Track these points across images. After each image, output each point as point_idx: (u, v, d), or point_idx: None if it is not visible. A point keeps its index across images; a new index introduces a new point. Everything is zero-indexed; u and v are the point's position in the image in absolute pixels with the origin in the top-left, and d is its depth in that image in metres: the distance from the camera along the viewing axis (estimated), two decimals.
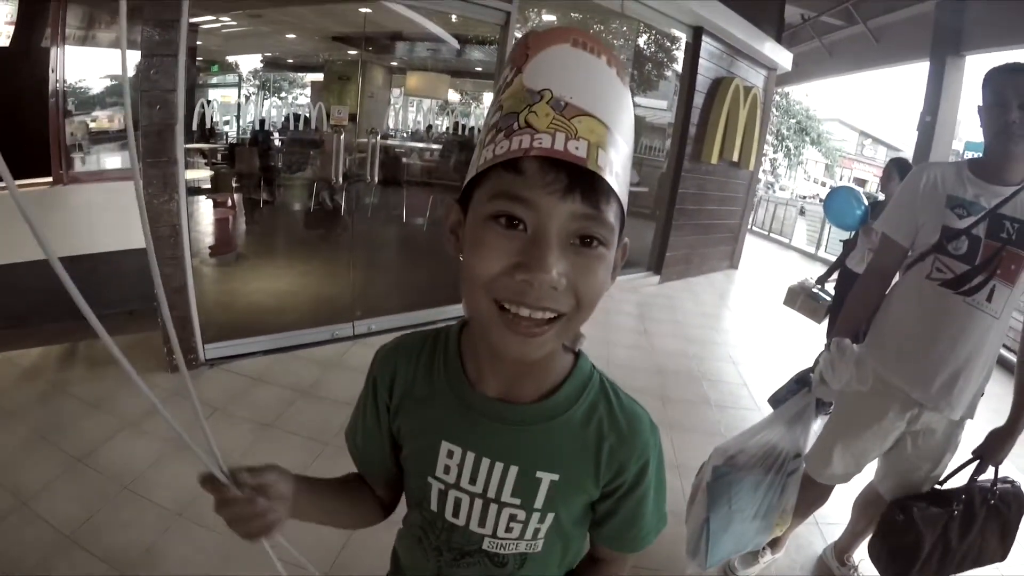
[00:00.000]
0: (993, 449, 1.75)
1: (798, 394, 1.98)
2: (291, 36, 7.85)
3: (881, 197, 3.81)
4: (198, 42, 2.77)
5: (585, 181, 0.52)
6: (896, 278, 1.90)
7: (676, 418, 3.40)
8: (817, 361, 1.93)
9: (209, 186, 4.89)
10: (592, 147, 0.52)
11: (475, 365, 0.71)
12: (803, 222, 12.67)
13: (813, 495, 2.06)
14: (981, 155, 1.74)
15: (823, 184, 28.70)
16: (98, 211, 3.41)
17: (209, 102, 6.44)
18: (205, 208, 4.78)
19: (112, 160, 3.62)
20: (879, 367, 1.82)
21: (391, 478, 0.82)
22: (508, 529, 0.71)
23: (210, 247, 4.61)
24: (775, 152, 25.62)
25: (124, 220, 2.80)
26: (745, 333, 5.46)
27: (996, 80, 1.65)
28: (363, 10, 5.35)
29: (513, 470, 0.69)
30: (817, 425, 2.04)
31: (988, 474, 1.79)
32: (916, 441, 1.84)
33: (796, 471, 1.93)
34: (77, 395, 2.82)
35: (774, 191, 24.04)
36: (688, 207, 6.64)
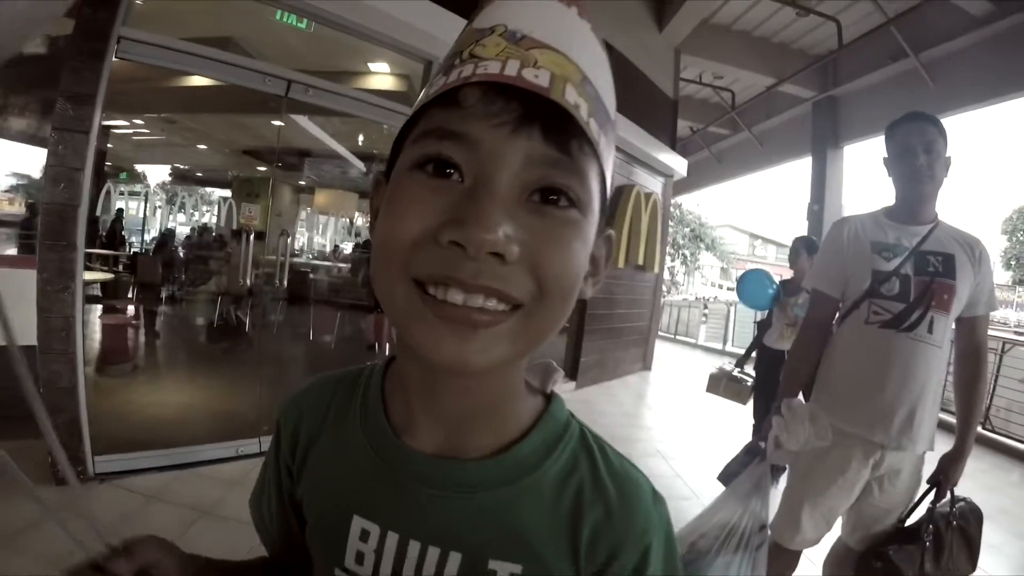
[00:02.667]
0: (948, 473, 1.81)
1: (750, 465, 1.93)
2: (202, 147, 7.78)
3: (789, 276, 4.03)
4: (109, 145, 2.63)
5: (548, 115, 0.39)
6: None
7: None
8: (763, 430, 1.92)
9: (108, 293, 4.61)
10: (557, 79, 0.39)
11: (403, 408, 0.52)
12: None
13: (782, 564, 1.99)
14: (892, 203, 1.88)
15: (720, 287, 30.77)
16: None
17: (121, 211, 6.22)
18: (102, 316, 4.44)
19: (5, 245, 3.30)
20: (834, 419, 1.81)
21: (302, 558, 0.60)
22: None
23: (105, 356, 4.23)
24: (672, 260, 27.34)
25: (9, 312, 2.49)
26: (668, 428, 5.47)
27: (900, 131, 1.80)
28: (276, 123, 5.36)
29: (455, 559, 0.48)
30: (774, 493, 1.99)
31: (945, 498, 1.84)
32: (883, 485, 1.84)
33: (763, 544, 1.85)
34: None
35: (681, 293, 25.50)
36: (599, 312, 6.76)
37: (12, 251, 3.36)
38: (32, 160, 3.15)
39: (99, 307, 4.34)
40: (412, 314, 0.40)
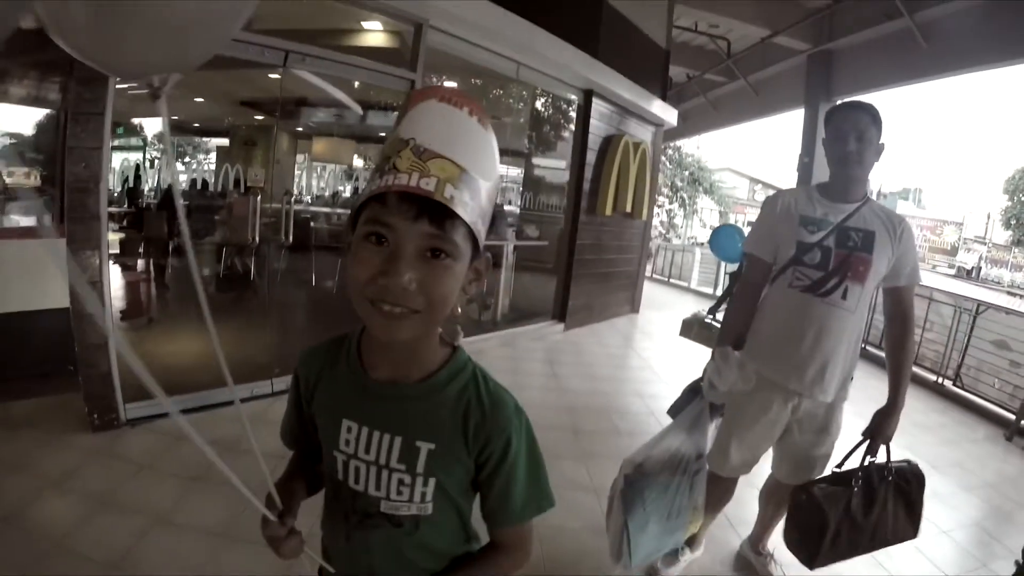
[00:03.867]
0: (880, 428, 1.98)
1: (693, 402, 2.21)
2: (199, 100, 7.83)
3: None
4: None
5: (433, 209, 0.69)
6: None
7: (589, 448, 3.57)
8: (705, 371, 2.17)
9: (117, 251, 4.77)
10: (441, 183, 0.69)
11: (370, 356, 0.87)
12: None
13: (720, 490, 2.26)
14: (827, 180, 2.07)
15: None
16: (10, 268, 3.29)
17: (138, 171, 6.28)
18: (113, 273, 4.64)
19: (27, 217, 3.48)
20: (760, 367, 2.07)
21: (316, 454, 0.97)
22: (399, 492, 0.85)
23: (121, 311, 4.48)
24: (671, 203, 27.01)
25: (39, 279, 2.76)
26: (649, 369, 5.69)
27: (836, 117, 1.98)
28: (274, 76, 5.44)
29: (398, 440, 0.83)
30: (713, 427, 2.28)
31: (882, 454, 2.01)
32: (801, 427, 2.09)
33: (700, 470, 2.14)
34: None
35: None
36: (587, 257, 6.92)
37: (32, 222, 3.51)
38: (21, 118, 3.28)
39: (111, 265, 4.51)
40: (369, 315, 0.73)
